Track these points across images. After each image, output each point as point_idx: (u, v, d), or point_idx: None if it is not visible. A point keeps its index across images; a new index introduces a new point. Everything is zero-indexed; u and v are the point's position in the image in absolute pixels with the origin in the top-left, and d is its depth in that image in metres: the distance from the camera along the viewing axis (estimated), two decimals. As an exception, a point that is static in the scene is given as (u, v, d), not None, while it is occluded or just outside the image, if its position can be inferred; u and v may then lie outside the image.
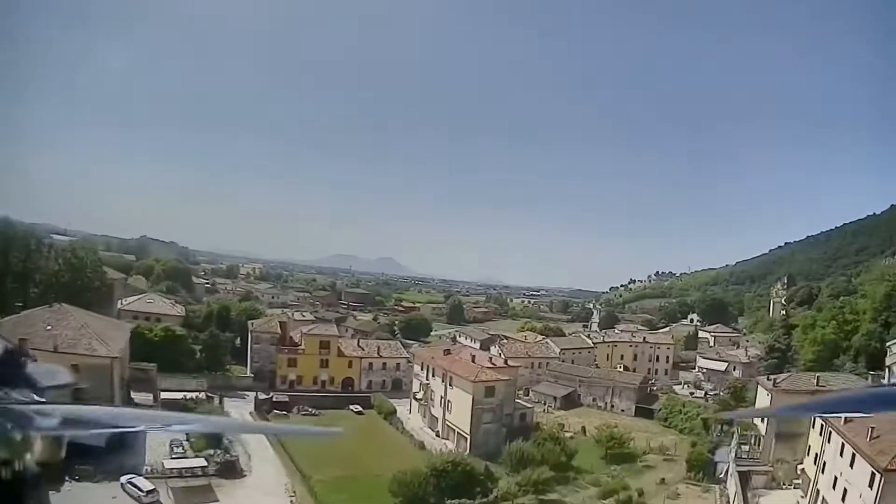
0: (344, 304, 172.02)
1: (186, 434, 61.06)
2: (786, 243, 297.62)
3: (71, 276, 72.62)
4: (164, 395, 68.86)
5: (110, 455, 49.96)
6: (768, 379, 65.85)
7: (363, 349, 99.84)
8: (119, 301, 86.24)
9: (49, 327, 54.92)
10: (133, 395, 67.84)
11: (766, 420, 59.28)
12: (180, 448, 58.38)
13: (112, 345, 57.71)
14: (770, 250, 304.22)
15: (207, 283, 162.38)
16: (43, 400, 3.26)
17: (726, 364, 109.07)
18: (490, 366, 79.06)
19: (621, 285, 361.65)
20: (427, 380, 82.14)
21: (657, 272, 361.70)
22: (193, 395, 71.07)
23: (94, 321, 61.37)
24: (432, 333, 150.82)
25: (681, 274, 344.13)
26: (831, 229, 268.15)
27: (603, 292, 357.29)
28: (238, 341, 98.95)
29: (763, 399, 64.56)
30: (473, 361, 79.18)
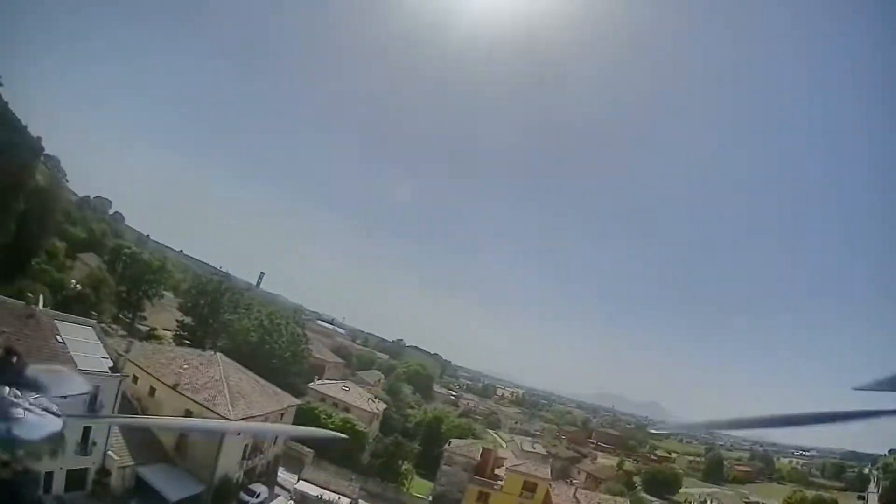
0: (592, 443, 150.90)
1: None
2: None
3: (260, 337, 72.27)
4: (302, 484, 60.61)
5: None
6: None
7: (579, 501, 77.33)
8: (315, 379, 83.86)
9: (185, 367, 52.53)
10: (280, 471, 63.67)
11: None
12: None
13: (242, 408, 51.71)
14: None
15: (453, 395, 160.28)
16: (43, 402, 4.06)
17: None
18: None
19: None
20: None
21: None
22: (336, 497, 60.41)
23: (243, 381, 57.82)
24: (681, 491, 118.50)
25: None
26: None
27: (881, 455, 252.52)
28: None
29: None
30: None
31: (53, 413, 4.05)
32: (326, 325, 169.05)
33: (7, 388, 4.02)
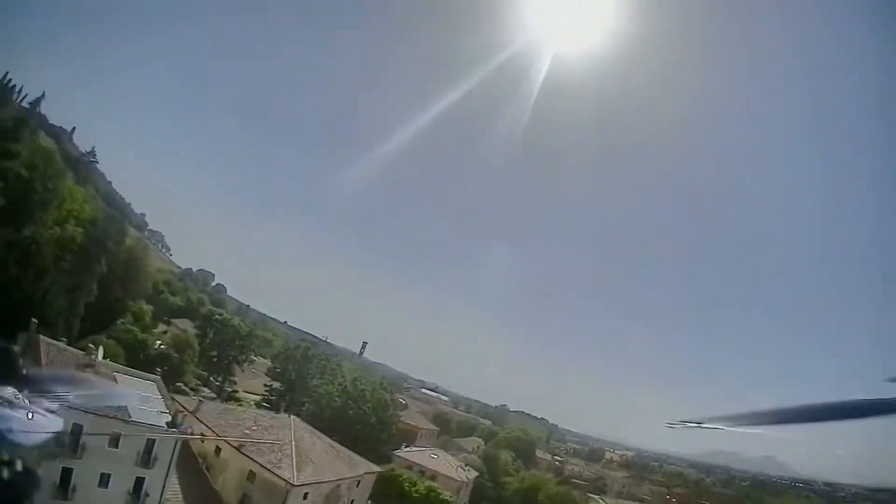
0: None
1: None
2: None
3: (343, 403, 71.99)
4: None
5: None
6: None
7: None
8: (402, 446, 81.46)
9: (254, 428, 52.48)
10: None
11: None
12: None
13: (308, 472, 50.52)
14: None
15: (558, 461, 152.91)
16: (44, 402, 4.10)
17: None
18: None
19: None
20: None
21: None
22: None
23: (316, 446, 56.80)
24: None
25: None
26: None
27: None
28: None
29: None
30: None
31: (54, 413, 4.09)
32: (429, 392, 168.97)
33: (8, 389, 3.99)
